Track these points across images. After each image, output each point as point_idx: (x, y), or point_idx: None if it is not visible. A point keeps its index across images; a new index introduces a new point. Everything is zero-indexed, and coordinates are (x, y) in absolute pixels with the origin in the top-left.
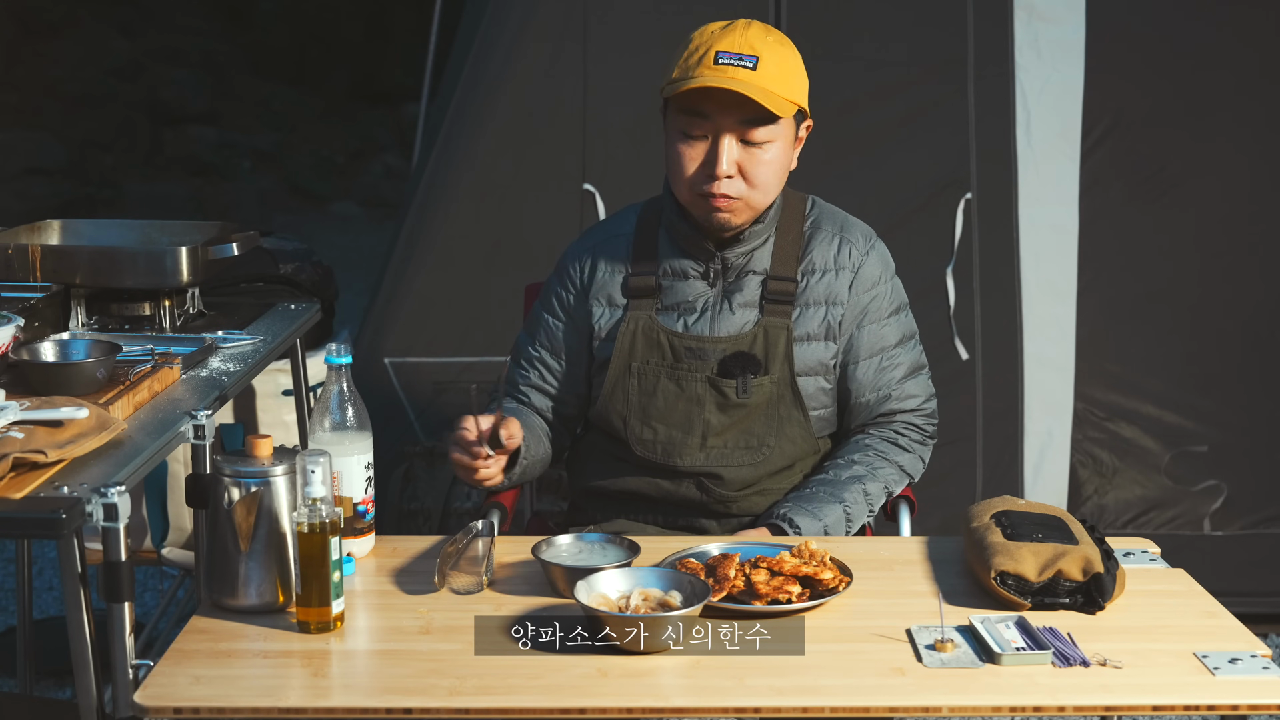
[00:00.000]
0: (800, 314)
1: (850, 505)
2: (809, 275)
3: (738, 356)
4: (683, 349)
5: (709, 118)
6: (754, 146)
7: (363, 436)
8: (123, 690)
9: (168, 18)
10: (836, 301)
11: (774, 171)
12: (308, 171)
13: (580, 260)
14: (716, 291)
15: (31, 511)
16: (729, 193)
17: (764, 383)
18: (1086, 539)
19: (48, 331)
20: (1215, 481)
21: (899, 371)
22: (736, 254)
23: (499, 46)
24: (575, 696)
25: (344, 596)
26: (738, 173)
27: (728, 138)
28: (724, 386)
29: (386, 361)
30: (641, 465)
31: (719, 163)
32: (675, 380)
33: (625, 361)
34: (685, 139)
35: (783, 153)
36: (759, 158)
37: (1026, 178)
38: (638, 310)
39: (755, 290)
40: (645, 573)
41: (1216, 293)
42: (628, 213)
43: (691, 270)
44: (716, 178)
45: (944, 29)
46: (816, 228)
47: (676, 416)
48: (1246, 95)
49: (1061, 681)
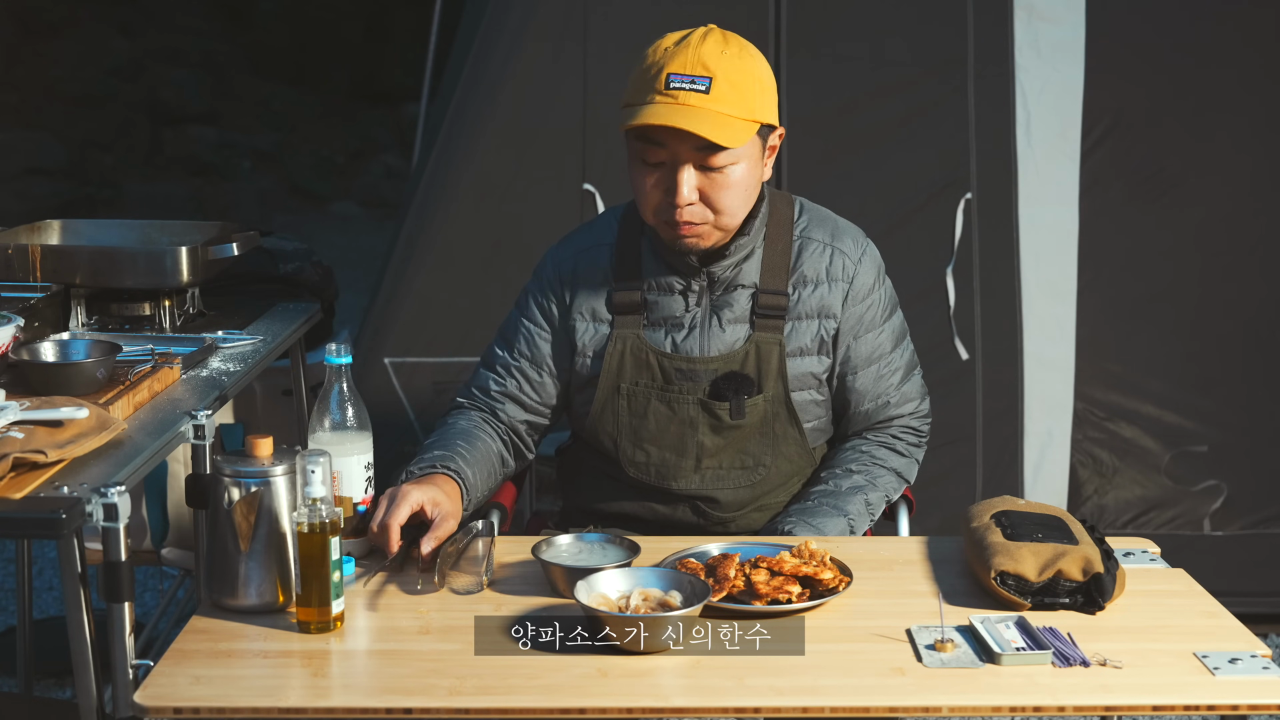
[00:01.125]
0: (792, 328)
1: (854, 518)
2: (800, 288)
3: (730, 377)
4: (673, 370)
5: (664, 145)
6: (714, 172)
7: (363, 436)
8: (123, 690)
9: (168, 18)
10: (829, 314)
11: (738, 194)
12: (308, 171)
13: (562, 270)
14: (704, 308)
15: (31, 511)
16: (692, 219)
17: (758, 402)
18: (1086, 539)
19: (48, 331)
20: (1215, 481)
21: (896, 377)
22: (723, 267)
23: (499, 46)
24: (575, 696)
25: (344, 596)
26: (699, 200)
27: (686, 167)
28: (716, 409)
29: (386, 361)
30: (634, 486)
31: (678, 192)
32: (666, 403)
33: (614, 382)
34: (644, 166)
35: (748, 172)
36: (720, 183)
37: (1026, 178)
38: (624, 329)
39: (745, 305)
40: (645, 573)
41: (1216, 292)
42: (608, 218)
43: (677, 284)
44: (678, 205)
45: (944, 29)
46: (807, 238)
47: (669, 439)
48: (1246, 94)
49: (1061, 681)
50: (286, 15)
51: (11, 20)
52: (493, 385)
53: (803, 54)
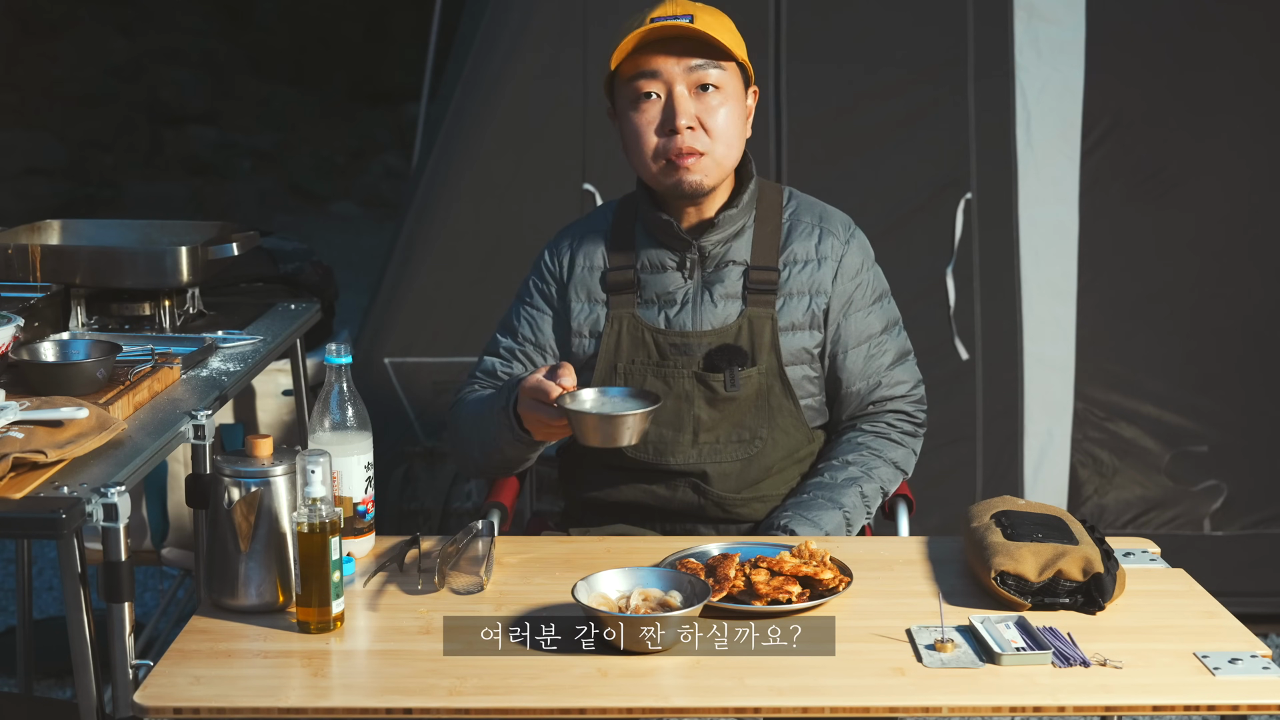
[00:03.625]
0: (784, 304)
1: (849, 510)
2: (790, 266)
3: (723, 349)
4: (667, 345)
5: (656, 74)
6: (706, 94)
7: (363, 436)
8: (123, 690)
9: (168, 18)
10: (820, 291)
11: (732, 122)
12: (308, 171)
13: (558, 254)
14: (696, 282)
15: (31, 511)
16: (694, 145)
17: (752, 374)
18: (1086, 539)
19: (48, 331)
20: (1215, 481)
21: (887, 358)
22: (713, 241)
23: (499, 47)
24: (575, 696)
25: (344, 596)
26: (698, 125)
27: (679, 87)
28: (711, 381)
29: (386, 361)
30: (634, 470)
31: (677, 115)
32: (662, 378)
33: (611, 362)
34: (637, 106)
35: (737, 105)
36: (714, 105)
37: (1026, 178)
38: (619, 308)
39: (737, 281)
40: (645, 573)
41: (1216, 292)
42: (604, 209)
43: (669, 261)
44: (678, 131)
45: (944, 29)
46: (796, 219)
47: (666, 414)
48: (1246, 95)
49: (1061, 681)
50: (286, 15)
51: (11, 20)
52: (499, 368)
53: (802, 55)
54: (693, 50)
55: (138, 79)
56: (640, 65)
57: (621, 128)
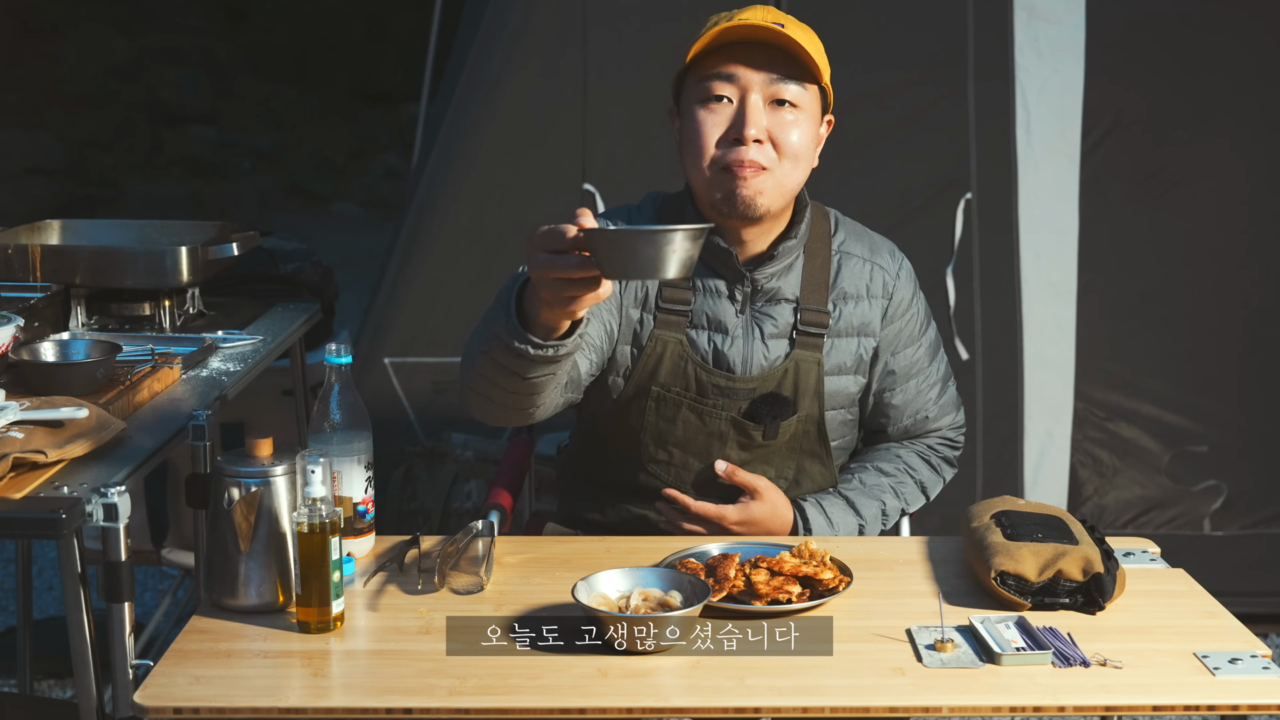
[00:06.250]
0: (832, 345)
1: (866, 521)
2: (840, 304)
3: (768, 400)
4: (710, 385)
5: (734, 79)
6: (782, 109)
7: (363, 436)
8: (123, 690)
9: (168, 18)
10: (869, 333)
11: (804, 144)
12: (308, 171)
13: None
14: (747, 317)
15: (31, 511)
16: (757, 159)
17: (791, 423)
18: (1086, 539)
19: (48, 331)
20: (1215, 481)
21: (934, 391)
22: (766, 275)
23: (499, 47)
24: (575, 696)
25: (344, 596)
26: (767, 139)
27: (754, 96)
28: (750, 429)
29: (386, 361)
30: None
31: (746, 125)
32: (698, 414)
33: (645, 384)
34: (706, 106)
35: (811, 127)
36: (787, 122)
37: (1026, 178)
38: (666, 328)
39: (788, 319)
40: (645, 573)
41: (1216, 293)
42: (645, 205)
43: (723, 288)
44: (744, 142)
45: (944, 30)
46: (845, 253)
47: (695, 446)
48: (1246, 96)
49: (1061, 681)
50: (286, 15)
51: (11, 20)
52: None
53: None
54: (777, 61)
55: (138, 79)
56: (717, 65)
57: (681, 127)
